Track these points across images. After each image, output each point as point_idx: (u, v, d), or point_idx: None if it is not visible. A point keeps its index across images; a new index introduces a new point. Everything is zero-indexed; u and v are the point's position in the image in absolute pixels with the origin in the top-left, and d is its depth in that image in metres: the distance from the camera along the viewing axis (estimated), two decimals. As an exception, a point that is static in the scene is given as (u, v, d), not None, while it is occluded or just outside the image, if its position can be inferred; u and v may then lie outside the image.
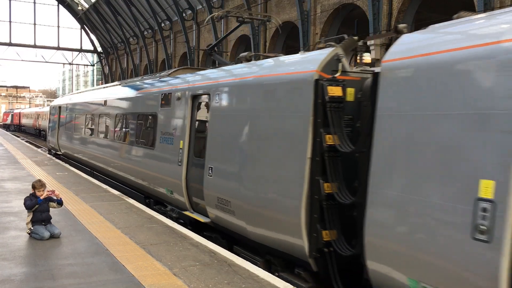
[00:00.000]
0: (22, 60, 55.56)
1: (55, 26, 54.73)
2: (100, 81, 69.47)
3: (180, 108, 9.42)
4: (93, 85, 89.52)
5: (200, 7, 34.68)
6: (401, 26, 5.45)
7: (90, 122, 16.25)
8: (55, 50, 55.31)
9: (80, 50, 58.21)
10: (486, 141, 3.88)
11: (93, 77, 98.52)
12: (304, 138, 5.83)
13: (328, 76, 5.84)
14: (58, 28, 54.70)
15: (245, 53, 8.69)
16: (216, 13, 11.31)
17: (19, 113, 65.81)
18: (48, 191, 7.32)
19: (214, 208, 7.79)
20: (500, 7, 15.20)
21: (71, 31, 59.31)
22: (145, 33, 44.51)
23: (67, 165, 17.53)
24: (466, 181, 3.97)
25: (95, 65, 69.20)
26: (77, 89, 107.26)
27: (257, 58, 8.68)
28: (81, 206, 9.55)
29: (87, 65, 73.80)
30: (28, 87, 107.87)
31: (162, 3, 38.19)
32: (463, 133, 4.09)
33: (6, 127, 71.18)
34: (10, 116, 73.65)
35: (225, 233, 7.86)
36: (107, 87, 17.88)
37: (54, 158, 20.35)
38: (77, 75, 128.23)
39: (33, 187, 7.27)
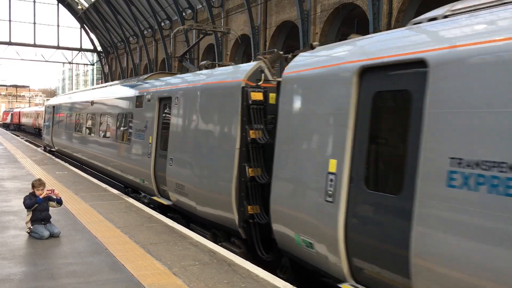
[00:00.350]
0: (22, 59, 55.55)
1: (55, 25, 54.71)
2: (100, 81, 69.49)
3: (150, 109, 11.03)
4: (93, 84, 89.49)
5: (200, 6, 34.66)
6: (314, 44, 6.83)
7: (79, 120, 17.83)
8: (55, 49, 55.29)
9: (80, 50, 58.20)
10: (331, 134, 5.56)
11: (93, 77, 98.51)
12: (235, 133, 7.45)
13: (252, 84, 7.45)
14: (58, 27, 54.68)
15: (204, 62, 10.48)
16: (182, 27, 14.04)
17: (19, 112, 65.81)
18: (47, 190, 7.31)
19: (174, 193, 9.41)
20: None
21: (71, 30, 59.26)
22: (145, 32, 44.49)
23: (66, 164, 17.51)
24: (322, 161, 5.58)
25: (95, 64, 69.22)
26: (77, 88, 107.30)
27: (214, 66, 10.27)
28: (81, 206, 9.55)
29: (87, 65, 73.85)
30: (28, 86, 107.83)
31: (162, 3, 38.17)
32: (322, 129, 5.75)
33: (6, 126, 71.18)
34: (9, 115, 73.63)
35: (183, 213, 9.47)
36: (94, 88, 19.98)
37: (48, 154, 21.46)
38: (77, 75, 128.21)
39: (33, 186, 7.27)
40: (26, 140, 37.12)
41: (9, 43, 52.15)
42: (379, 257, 4.87)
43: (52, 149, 22.85)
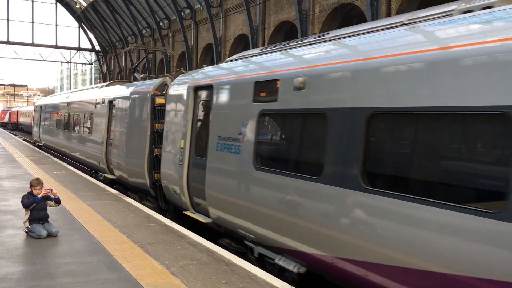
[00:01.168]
0: (20, 59, 55.46)
1: (53, 24, 54.64)
2: (98, 80, 69.35)
3: (103, 109, 14.80)
4: (91, 84, 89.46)
5: (199, 6, 34.65)
6: (183, 70, 11.53)
7: (59, 118, 21.78)
8: (53, 49, 55.21)
9: (78, 49, 58.11)
10: (183, 125, 9.24)
11: (91, 76, 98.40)
12: (147, 125, 11.28)
13: (158, 93, 11.29)
14: (56, 26, 54.59)
15: (142, 75, 14.99)
16: (129, 48, 19.82)
17: (17, 111, 65.66)
18: (45, 189, 7.30)
19: (116, 170, 13.44)
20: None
21: (69, 30, 59.20)
22: (144, 32, 44.45)
23: (65, 164, 17.51)
24: (178, 141, 9.31)
25: (93, 63, 69.11)
26: (75, 88, 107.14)
27: (146, 78, 14.35)
28: (79, 205, 9.54)
29: (85, 64, 73.70)
30: (26, 86, 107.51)
31: (161, 2, 38.15)
32: (180, 122, 9.44)
33: (4, 125, 71.02)
34: (7, 114, 73.46)
35: (123, 184, 13.30)
36: (73, 91, 24.29)
37: (37, 148, 24.56)
38: (75, 74, 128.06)
39: (31, 185, 7.26)
40: (24, 140, 37.01)
41: (7, 42, 52.05)
42: (199, 193, 8.50)
43: (39, 144, 26.46)
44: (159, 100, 11.09)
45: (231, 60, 8.87)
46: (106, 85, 16.97)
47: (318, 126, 5.92)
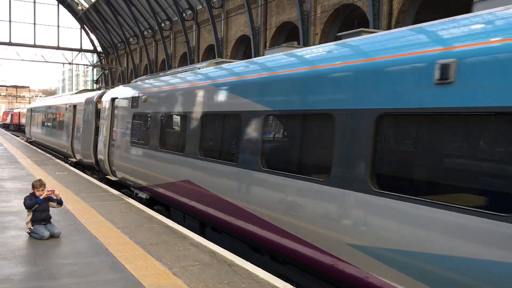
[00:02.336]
0: (22, 60, 55.47)
1: (55, 25, 54.67)
2: (100, 81, 69.36)
3: (71, 111, 20.12)
4: (92, 86, 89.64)
5: (200, 7, 34.67)
6: (119, 84, 19.74)
7: (42, 118, 27.68)
8: (55, 50, 55.28)
9: (80, 50, 58.14)
10: (108, 122, 14.30)
11: (93, 77, 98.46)
12: (93, 122, 16.41)
13: (100, 100, 16.17)
14: (58, 27, 54.64)
15: (96, 86, 23.96)
16: (93, 65, 30.57)
17: (19, 112, 65.74)
18: (48, 190, 7.31)
19: (77, 154, 18.81)
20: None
21: (71, 31, 59.35)
22: (145, 33, 44.48)
23: (66, 165, 17.55)
24: (106, 132, 14.37)
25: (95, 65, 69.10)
26: (77, 89, 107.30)
27: (99, 88, 21.28)
28: (81, 206, 9.56)
29: (87, 65, 73.78)
30: (28, 87, 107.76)
31: (162, 3, 38.18)
32: (106, 122, 14.69)
33: (6, 126, 71.10)
34: (9, 115, 73.56)
35: (83, 165, 18.39)
36: (53, 97, 31.12)
37: (28, 143, 30.22)
38: (77, 75, 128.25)
39: (33, 186, 7.27)
40: (26, 141, 37.10)
41: (9, 44, 52.13)
42: (113, 163, 13.65)
43: (30, 140, 33.08)
44: (99, 106, 16.22)
45: (135, 81, 14.23)
46: (76, 93, 22.30)
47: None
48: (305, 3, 23.71)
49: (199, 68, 9.89)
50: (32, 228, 7.12)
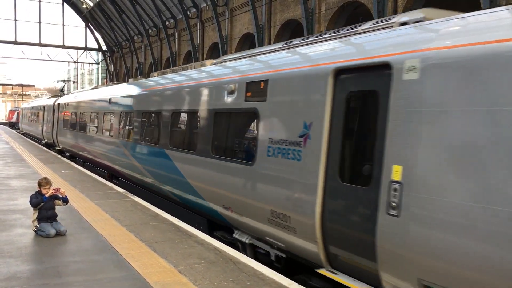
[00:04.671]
0: (27, 59, 55.74)
1: (60, 24, 54.84)
2: (105, 79, 69.59)
3: (50, 109, 26.71)
4: (97, 83, 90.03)
5: (205, 5, 34.66)
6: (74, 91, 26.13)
7: (30, 115, 37.30)
8: (60, 48, 55.46)
9: (85, 49, 58.31)
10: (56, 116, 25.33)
11: (98, 75, 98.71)
12: (53, 116, 25.55)
13: (55, 104, 25.38)
14: (63, 26, 54.80)
15: (61, 92, 34.53)
16: (69, 80, 50.20)
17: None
18: (53, 188, 7.34)
19: (47, 139, 27.74)
20: (506, 4, 15.08)
21: (76, 29, 59.29)
22: (150, 31, 44.52)
23: (72, 163, 17.61)
24: (58, 121, 24.83)
25: (100, 63, 69.34)
26: (82, 87, 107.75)
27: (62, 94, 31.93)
28: (87, 204, 9.59)
29: (92, 64, 73.96)
30: (34, 85, 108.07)
31: (167, 2, 38.20)
32: (59, 117, 23.98)
33: (12, 125, 71.41)
34: (15, 114, 73.88)
35: (50, 145, 26.36)
36: (39, 99, 39.82)
37: (21, 135, 38.50)
38: (82, 73, 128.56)
39: (39, 184, 7.31)
40: (32, 139, 37.34)
41: (15, 42, 52.32)
42: (57, 138, 24.00)
43: (22, 132, 42.66)
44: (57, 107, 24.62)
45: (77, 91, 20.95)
46: (49, 98, 32.63)
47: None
48: (309, 0, 23.66)
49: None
50: (38, 226, 7.15)
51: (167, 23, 40.58)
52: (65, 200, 7.49)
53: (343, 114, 5.42)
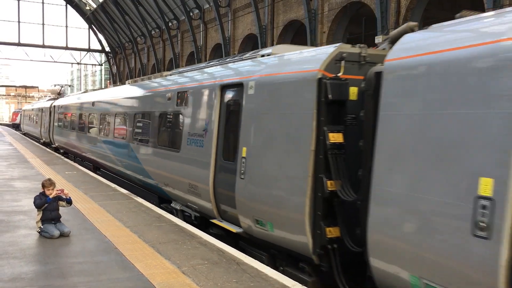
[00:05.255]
0: (31, 60, 55.95)
1: (63, 26, 55.06)
2: (108, 81, 69.75)
3: (46, 111, 28.60)
4: (101, 85, 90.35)
5: (207, 6, 34.71)
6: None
7: (30, 116, 39.44)
8: (64, 50, 55.64)
9: (88, 50, 58.49)
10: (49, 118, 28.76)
11: (101, 77, 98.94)
12: (49, 117, 27.46)
13: (51, 106, 26.38)
14: (66, 28, 55.01)
15: (57, 96, 37.65)
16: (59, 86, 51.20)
17: (28, 112, 66.31)
18: (57, 190, 7.36)
19: (45, 138, 29.48)
20: (510, 5, 15.07)
21: (79, 31, 59.59)
22: (153, 32, 44.62)
23: (76, 164, 17.65)
24: (50, 122, 28.02)
25: (103, 64, 69.51)
26: (85, 88, 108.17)
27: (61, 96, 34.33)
28: (90, 205, 9.61)
29: (95, 65, 74.15)
30: (37, 87, 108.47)
31: (170, 3, 38.26)
32: (52, 118, 25.75)
33: (15, 126, 71.60)
34: (19, 115, 74.11)
35: (48, 143, 27.85)
36: (35, 103, 42.91)
37: (22, 135, 40.71)
38: (85, 75, 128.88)
39: (43, 186, 7.32)
40: (32, 139, 37.56)
41: (18, 44, 52.53)
42: (53, 136, 25.70)
43: (24, 132, 44.46)
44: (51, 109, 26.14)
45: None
46: (50, 99, 33.40)
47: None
48: (312, 1, 23.66)
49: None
50: (42, 227, 7.17)
51: (170, 24, 40.67)
52: (69, 201, 7.51)
53: (224, 116, 8.14)
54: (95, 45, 59.28)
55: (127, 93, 14.20)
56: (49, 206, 7.22)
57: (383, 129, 4.92)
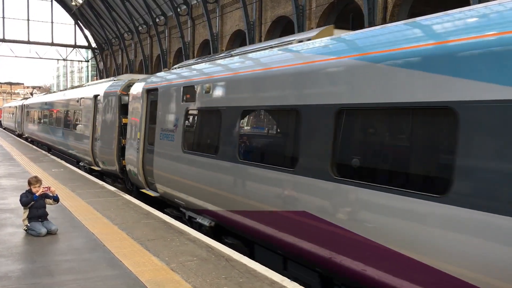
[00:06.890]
0: (16, 56, 55.43)
1: (49, 22, 54.41)
2: (95, 77, 69.15)
3: (19, 109, 35.70)
4: (88, 81, 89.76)
5: (195, 2, 34.53)
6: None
7: (7, 113, 46.41)
8: (49, 46, 55.03)
9: (75, 46, 57.90)
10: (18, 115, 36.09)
11: (88, 73, 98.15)
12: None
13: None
14: (52, 23, 54.36)
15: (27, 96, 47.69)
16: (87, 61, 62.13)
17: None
18: (44, 187, 7.30)
19: (16, 131, 37.32)
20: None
21: (65, 27, 59.32)
22: (140, 28, 44.29)
23: (63, 162, 17.50)
24: (18, 118, 38.00)
25: (90, 61, 68.89)
26: (72, 85, 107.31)
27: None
28: (78, 203, 9.55)
29: (81, 61, 73.47)
30: (23, 84, 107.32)
31: (157, -2, 38.00)
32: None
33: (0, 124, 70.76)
34: (2, 112, 73.22)
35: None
36: (11, 102, 49.23)
37: (3, 129, 46.42)
38: (72, 71, 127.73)
39: (29, 183, 7.26)
40: (11, 132, 38.02)
41: (3, 40, 51.81)
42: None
43: (3, 127, 49.31)
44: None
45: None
46: (22, 99, 40.11)
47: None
48: (300, -3, 23.66)
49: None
50: (28, 225, 7.11)
51: (157, 20, 40.38)
52: (56, 199, 7.45)
53: (149, 110, 10.77)
54: (82, 41, 58.73)
55: (66, 95, 20.25)
56: (35, 204, 7.16)
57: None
